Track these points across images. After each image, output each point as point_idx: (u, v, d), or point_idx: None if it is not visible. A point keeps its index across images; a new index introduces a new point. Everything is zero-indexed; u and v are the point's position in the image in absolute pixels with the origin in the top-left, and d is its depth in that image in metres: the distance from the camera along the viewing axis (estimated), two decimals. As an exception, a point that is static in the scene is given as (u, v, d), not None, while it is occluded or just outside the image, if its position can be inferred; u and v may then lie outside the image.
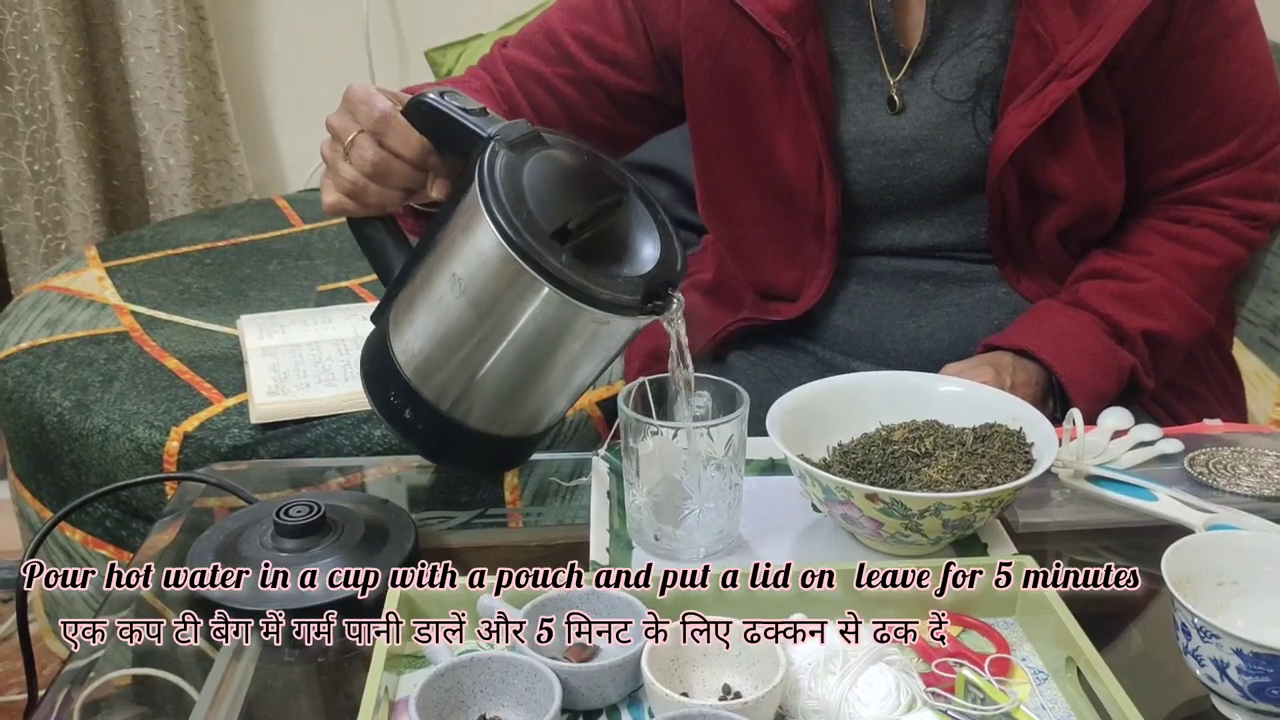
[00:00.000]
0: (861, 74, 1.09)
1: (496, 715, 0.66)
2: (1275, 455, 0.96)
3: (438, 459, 0.92)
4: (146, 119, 2.25)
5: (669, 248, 0.84)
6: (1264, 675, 0.65)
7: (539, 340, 0.82)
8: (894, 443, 0.86)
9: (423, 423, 0.87)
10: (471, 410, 0.87)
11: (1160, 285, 1.09)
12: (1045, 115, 1.02)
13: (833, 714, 0.65)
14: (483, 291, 0.80)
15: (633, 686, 0.69)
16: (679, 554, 0.84)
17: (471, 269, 0.80)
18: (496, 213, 0.77)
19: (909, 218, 1.13)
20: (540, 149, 0.83)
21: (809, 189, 1.10)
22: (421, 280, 0.85)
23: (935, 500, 0.77)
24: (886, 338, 1.14)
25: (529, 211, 0.78)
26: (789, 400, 0.89)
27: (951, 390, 0.92)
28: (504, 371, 0.84)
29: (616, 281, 0.80)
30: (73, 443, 1.39)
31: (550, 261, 0.77)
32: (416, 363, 0.86)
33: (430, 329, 0.85)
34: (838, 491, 0.80)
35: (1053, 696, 0.70)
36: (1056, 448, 0.84)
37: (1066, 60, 1.01)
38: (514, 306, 0.80)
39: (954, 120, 1.08)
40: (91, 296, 1.67)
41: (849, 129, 1.10)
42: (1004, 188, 1.07)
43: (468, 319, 0.82)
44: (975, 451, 0.84)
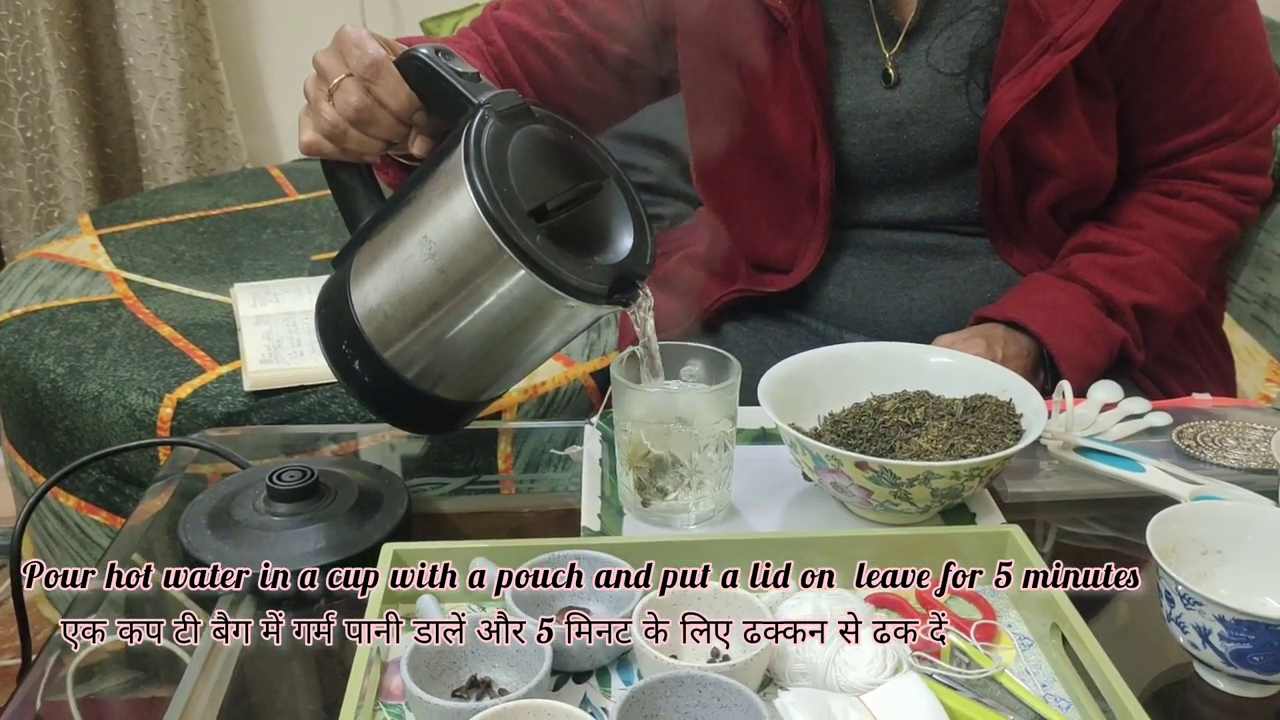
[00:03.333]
0: (856, 46, 1.09)
1: (487, 676, 0.67)
2: (1263, 429, 0.97)
3: (378, 412, 0.92)
4: (140, 86, 2.24)
5: (641, 240, 0.84)
6: (1245, 642, 0.66)
7: (501, 315, 0.82)
8: (885, 413, 0.87)
9: (370, 376, 0.87)
10: (423, 373, 0.86)
11: (1151, 259, 1.10)
12: (1037, 89, 1.02)
13: (820, 677, 0.66)
14: (452, 259, 0.80)
15: (622, 649, 0.70)
16: (670, 522, 0.85)
17: (443, 234, 0.80)
18: (479, 183, 0.77)
19: (903, 190, 1.13)
20: (528, 123, 0.83)
21: (803, 161, 1.11)
22: (390, 235, 0.85)
23: (924, 469, 0.78)
24: (879, 310, 1.15)
25: (510, 186, 0.78)
26: (780, 370, 0.89)
27: (942, 361, 0.93)
28: (461, 340, 0.84)
29: (586, 268, 0.79)
30: (66, 409, 1.39)
31: (524, 240, 0.77)
32: (375, 319, 0.85)
33: (392, 286, 0.84)
34: (828, 460, 0.80)
35: (1037, 662, 0.71)
36: (1045, 419, 0.84)
37: (1059, 33, 1.01)
38: (481, 279, 0.80)
39: (948, 93, 1.08)
40: (85, 264, 1.67)
41: (844, 102, 1.10)
42: (996, 161, 1.07)
43: (433, 283, 0.82)
44: (965, 422, 0.85)
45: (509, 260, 0.78)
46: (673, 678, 0.62)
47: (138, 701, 0.76)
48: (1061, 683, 0.69)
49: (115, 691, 0.76)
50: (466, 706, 0.61)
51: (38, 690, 0.73)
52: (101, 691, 0.76)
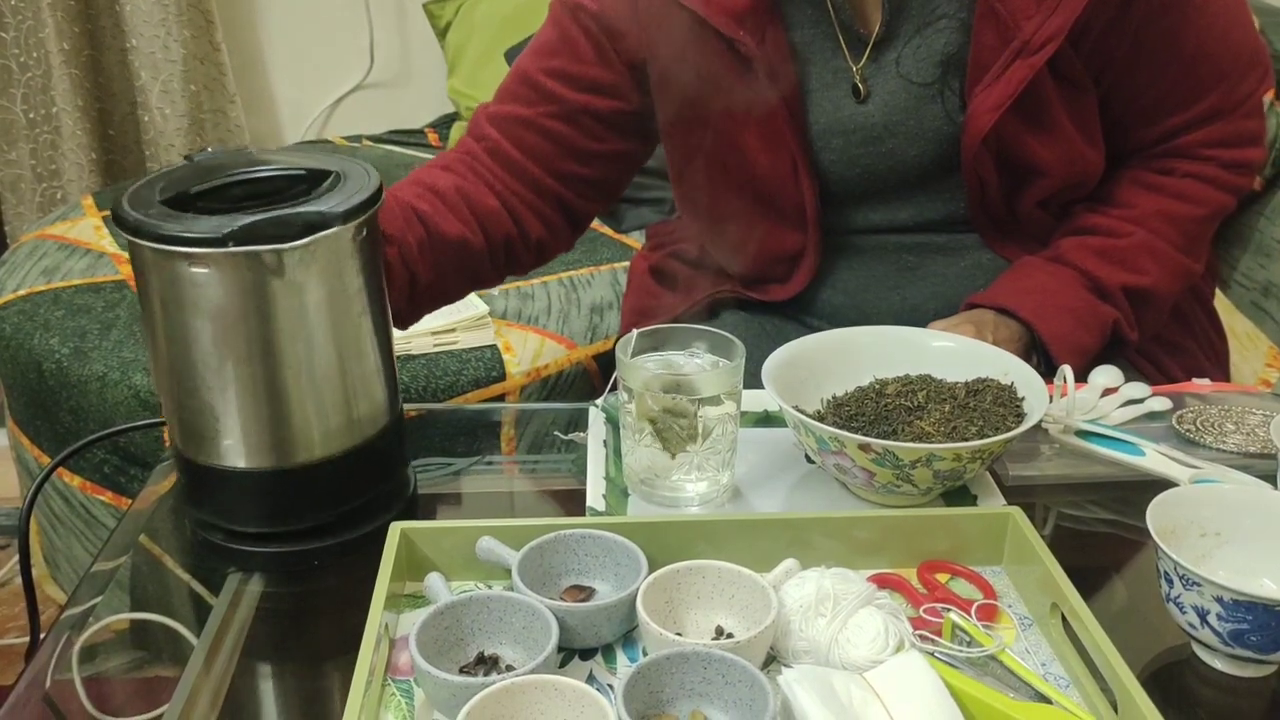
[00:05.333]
0: (825, 62, 1.08)
1: (494, 652, 0.68)
2: (1262, 414, 0.97)
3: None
4: (143, 68, 2.23)
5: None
6: (1243, 622, 0.67)
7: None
8: (887, 396, 0.87)
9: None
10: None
11: (1142, 240, 1.09)
12: (1013, 95, 1.01)
13: (822, 655, 0.67)
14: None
15: (628, 627, 0.71)
16: (675, 502, 0.85)
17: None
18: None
19: (888, 199, 1.13)
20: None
21: (785, 185, 1.10)
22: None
23: (926, 451, 0.78)
24: (872, 310, 1.15)
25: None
26: (784, 353, 0.90)
27: (944, 346, 0.93)
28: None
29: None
30: (71, 389, 1.40)
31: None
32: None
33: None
34: (831, 442, 0.81)
35: (1037, 641, 0.71)
36: (1047, 403, 0.85)
37: (1029, 37, 1.00)
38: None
39: (922, 103, 1.07)
40: (89, 245, 1.67)
41: (818, 120, 1.09)
42: (981, 168, 1.07)
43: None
44: (967, 405, 0.85)
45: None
46: (677, 654, 0.63)
47: (144, 680, 0.77)
48: (1061, 662, 0.69)
49: (122, 670, 0.77)
50: (474, 682, 0.62)
51: (46, 670, 0.73)
52: (108, 670, 0.76)
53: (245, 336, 0.75)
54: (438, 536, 0.76)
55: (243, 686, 0.72)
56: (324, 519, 0.82)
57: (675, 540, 0.75)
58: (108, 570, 0.83)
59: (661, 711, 0.63)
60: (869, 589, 0.70)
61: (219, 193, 0.78)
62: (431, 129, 2.39)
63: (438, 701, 0.65)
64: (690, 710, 0.63)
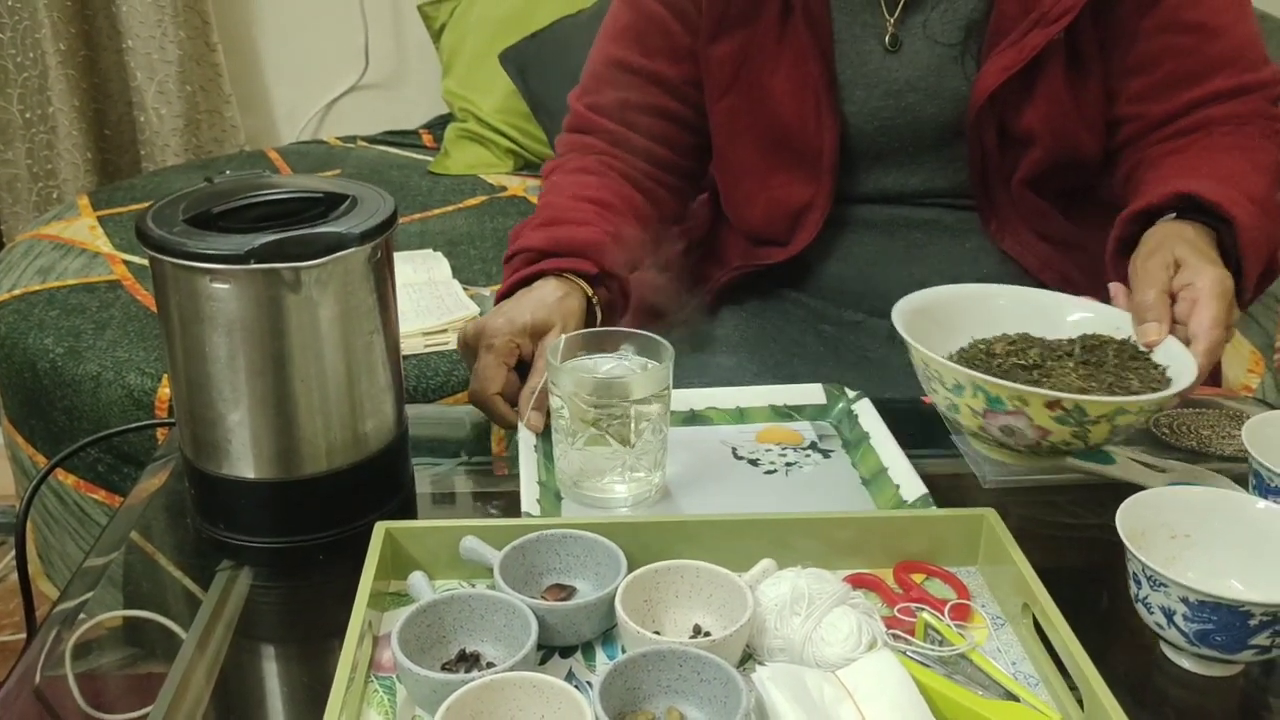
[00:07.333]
0: (857, 14, 1.13)
1: (475, 650, 0.69)
2: (1237, 418, 0.99)
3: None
4: (139, 68, 2.25)
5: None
6: (1208, 622, 0.68)
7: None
8: (997, 355, 0.86)
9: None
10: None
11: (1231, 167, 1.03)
12: (1023, 60, 1.06)
13: (797, 653, 0.68)
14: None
15: (607, 625, 0.72)
16: (606, 504, 0.86)
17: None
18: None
19: (900, 161, 1.16)
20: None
21: (807, 127, 1.14)
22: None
23: (1116, 404, 0.78)
24: (881, 283, 1.17)
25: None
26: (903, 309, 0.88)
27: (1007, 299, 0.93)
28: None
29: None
30: (65, 389, 1.41)
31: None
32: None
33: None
34: (1009, 401, 0.78)
35: (1009, 641, 0.73)
36: (1176, 349, 0.83)
37: (1048, 8, 1.05)
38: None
39: (944, 63, 1.11)
40: (84, 245, 1.69)
41: (845, 69, 1.13)
42: (982, 132, 1.10)
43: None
44: (1092, 361, 0.84)
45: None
46: (654, 652, 0.65)
47: (136, 676, 0.78)
48: (1031, 661, 0.71)
49: (113, 667, 0.78)
50: (455, 678, 0.64)
51: (37, 666, 0.74)
52: (100, 667, 0.77)
53: (261, 351, 0.77)
54: (421, 536, 0.77)
55: (230, 680, 0.73)
56: (330, 530, 0.84)
57: (655, 540, 0.76)
58: (99, 566, 0.84)
59: (638, 708, 0.65)
60: (843, 589, 0.71)
61: (239, 213, 0.80)
62: (426, 130, 2.41)
63: (419, 698, 0.66)
64: (666, 707, 0.65)
